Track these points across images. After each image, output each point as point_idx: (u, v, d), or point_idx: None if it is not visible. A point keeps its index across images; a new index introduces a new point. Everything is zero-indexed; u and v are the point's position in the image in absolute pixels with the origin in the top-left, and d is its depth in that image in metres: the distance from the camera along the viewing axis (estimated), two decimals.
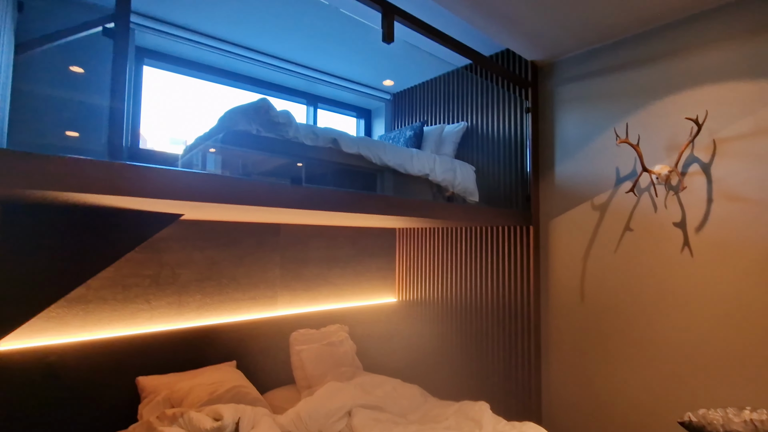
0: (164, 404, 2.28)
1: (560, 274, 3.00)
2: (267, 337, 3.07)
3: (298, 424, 2.27)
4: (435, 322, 3.67)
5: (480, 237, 3.36)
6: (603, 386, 2.71)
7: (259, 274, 3.11)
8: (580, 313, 2.87)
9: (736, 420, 1.99)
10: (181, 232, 2.72)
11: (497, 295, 3.19)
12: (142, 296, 2.55)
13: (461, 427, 2.21)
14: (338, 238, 3.65)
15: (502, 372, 3.11)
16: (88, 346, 2.31)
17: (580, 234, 2.91)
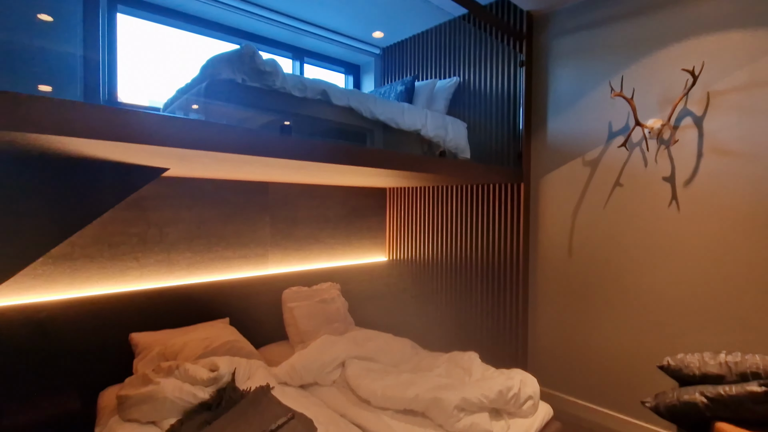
0: (159, 359, 2.31)
1: (549, 230, 3.05)
2: (259, 295, 3.09)
3: (293, 375, 2.33)
4: (425, 279, 3.73)
5: (470, 196, 3.36)
6: (587, 335, 2.83)
7: (249, 233, 3.08)
8: (568, 268, 2.93)
9: (712, 362, 2.09)
10: (167, 190, 2.64)
11: (486, 252, 3.24)
12: (130, 254, 2.51)
13: (451, 375, 2.29)
14: (328, 197, 3.61)
15: (490, 325, 3.21)
16: (77, 304, 2.29)
17: (570, 190, 2.93)
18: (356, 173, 2.48)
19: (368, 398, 2.09)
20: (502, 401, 1.98)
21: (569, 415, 2.86)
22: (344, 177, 2.81)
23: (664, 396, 2.18)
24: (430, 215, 3.70)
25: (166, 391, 1.87)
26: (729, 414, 1.94)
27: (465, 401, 1.88)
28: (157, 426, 1.85)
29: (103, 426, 1.92)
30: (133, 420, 1.86)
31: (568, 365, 2.93)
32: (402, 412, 2.01)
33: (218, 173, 2.51)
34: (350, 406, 2.13)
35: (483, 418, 1.88)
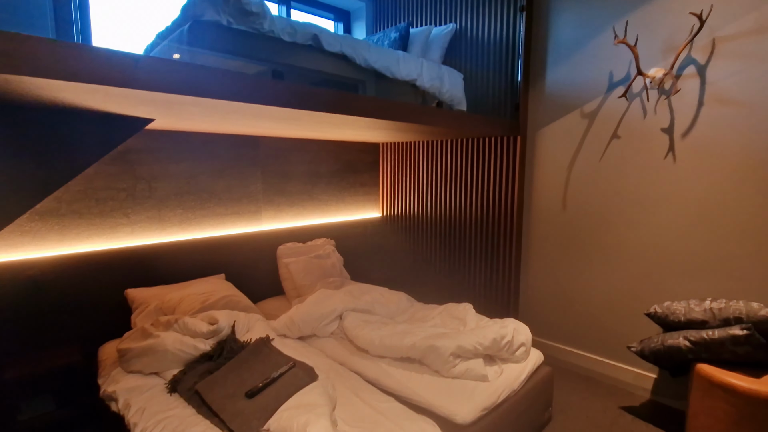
0: (156, 313, 2.32)
1: (544, 183, 3.04)
2: (254, 251, 3.08)
3: (292, 328, 2.37)
4: (419, 235, 3.75)
5: (465, 150, 3.31)
6: (577, 286, 2.90)
7: (241, 188, 3.01)
8: (561, 221, 2.96)
9: (697, 309, 2.18)
10: (154, 143, 2.54)
11: (481, 206, 3.24)
12: (119, 210, 2.45)
13: (447, 325, 2.35)
14: (320, 152, 3.53)
15: (483, 278, 3.27)
16: (70, 260, 2.25)
17: (566, 143, 2.89)
18: (350, 125, 2.39)
19: (366, 347, 2.15)
20: (496, 348, 2.04)
21: (558, 361, 3.00)
22: (337, 130, 2.73)
23: (649, 341, 2.28)
24: (424, 170, 3.66)
25: (167, 344, 1.89)
26: (709, 355, 2.05)
27: (460, 348, 1.94)
28: (160, 376, 1.89)
29: (106, 377, 1.95)
30: (135, 371, 1.90)
31: (558, 314, 3.03)
32: (399, 360, 2.08)
33: (206, 125, 2.41)
34: (348, 355, 2.19)
35: (478, 363, 1.95)
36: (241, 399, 1.60)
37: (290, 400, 1.59)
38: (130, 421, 1.61)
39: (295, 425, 1.45)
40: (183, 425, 1.54)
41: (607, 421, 2.31)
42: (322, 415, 1.47)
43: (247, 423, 1.49)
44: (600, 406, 2.46)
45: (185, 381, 1.78)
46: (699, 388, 2.04)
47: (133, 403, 1.69)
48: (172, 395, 1.75)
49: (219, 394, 1.63)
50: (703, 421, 2.03)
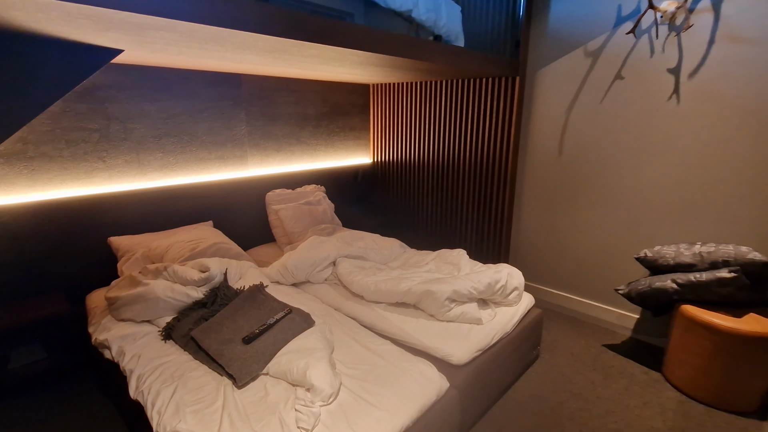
0: (144, 261, 2.25)
1: (541, 128, 2.94)
2: (241, 198, 2.97)
3: (285, 275, 2.34)
4: (411, 181, 3.67)
5: (460, 92, 3.14)
6: (569, 232, 2.92)
7: (224, 131, 2.83)
8: (557, 166, 2.91)
9: (686, 253, 2.21)
10: (125, 79, 2.32)
11: (474, 152, 3.15)
12: (93, 153, 2.28)
13: (441, 270, 2.36)
14: (308, 93, 3.31)
15: (475, 224, 3.27)
16: (45, 207, 2.12)
17: (567, 84, 2.77)
18: (340, 61, 2.21)
19: (361, 293, 2.15)
20: (490, 292, 2.06)
21: (546, 303, 3.10)
22: (326, 67, 2.52)
23: (636, 284, 2.34)
24: (416, 114, 3.50)
25: (157, 292, 1.84)
26: (694, 296, 2.11)
27: (456, 293, 1.95)
28: (153, 324, 1.86)
29: (96, 325, 1.91)
30: (127, 319, 1.86)
31: (549, 260, 3.08)
32: (394, 305, 2.09)
33: (183, 59, 2.18)
34: (343, 300, 2.19)
35: (472, 307, 1.98)
36: (238, 344, 1.58)
37: (288, 345, 1.58)
38: (126, 368, 1.59)
39: (295, 368, 1.45)
40: (181, 370, 1.53)
41: (591, 357, 2.43)
42: (321, 358, 1.48)
43: (246, 367, 1.49)
44: (584, 344, 2.57)
45: (179, 328, 1.75)
46: (680, 327, 2.14)
47: (128, 350, 1.66)
48: (166, 342, 1.73)
49: (215, 340, 1.61)
50: (681, 356, 2.14)
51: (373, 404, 1.37)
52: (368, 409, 1.35)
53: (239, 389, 1.44)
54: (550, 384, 2.18)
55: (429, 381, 1.53)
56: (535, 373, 2.28)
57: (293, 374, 1.44)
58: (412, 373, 1.54)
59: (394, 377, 1.51)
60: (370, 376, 1.52)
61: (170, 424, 1.27)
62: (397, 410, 1.37)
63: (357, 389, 1.44)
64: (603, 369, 2.32)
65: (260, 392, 1.42)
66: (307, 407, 1.30)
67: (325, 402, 1.35)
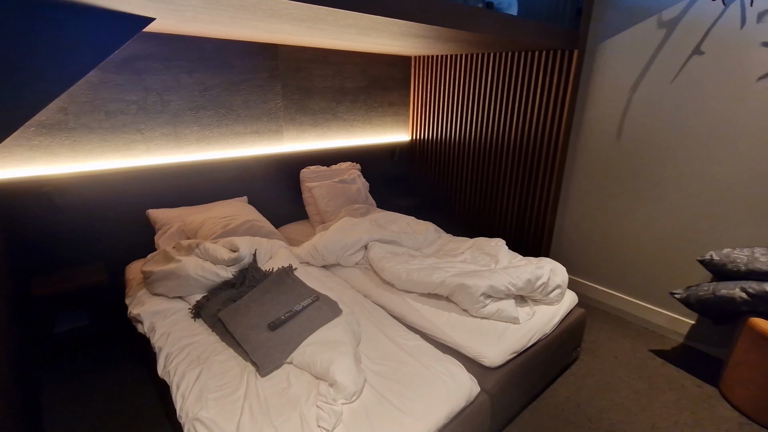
0: (179, 235, 2.27)
1: (599, 108, 2.65)
2: (276, 173, 2.93)
3: (315, 256, 2.29)
4: (450, 162, 3.49)
5: (509, 66, 2.88)
6: (622, 225, 2.67)
7: (260, 104, 2.77)
8: (613, 152, 2.63)
9: (763, 259, 1.94)
10: (162, 50, 2.27)
11: (521, 133, 2.91)
12: (131, 125, 2.28)
13: (477, 261, 2.22)
14: (346, 66, 3.16)
15: (516, 211, 3.07)
16: (86, 178, 2.16)
17: (633, 59, 2.45)
18: (380, 31, 2.04)
19: (392, 281, 2.06)
20: (530, 289, 1.92)
21: (590, 299, 2.89)
22: (365, 38, 2.36)
23: (697, 289, 2.10)
24: (459, 89, 3.27)
25: (188, 269, 1.84)
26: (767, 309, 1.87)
27: (492, 288, 1.82)
28: (184, 301, 1.87)
29: (132, 297, 1.95)
30: (160, 294, 1.88)
31: (596, 253, 2.85)
32: (426, 296, 1.99)
33: (217, 28, 2.10)
34: (373, 287, 2.11)
35: (509, 304, 1.84)
36: (263, 330, 1.55)
37: (313, 335, 1.54)
38: (156, 345, 1.61)
39: (318, 361, 1.40)
40: (207, 352, 1.53)
41: (636, 363, 2.25)
42: (345, 353, 1.42)
43: (269, 355, 1.46)
44: (629, 348, 2.39)
45: (208, 307, 1.75)
46: (747, 340, 1.90)
47: (158, 327, 1.68)
48: (195, 321, 1.74)
49: (242, 323, 1.59)
50: (744, 372, 1.92)
51: (397, 407, 1.30)
52: (392, 413, 1.28)
53: (262, 377, 1.41)
54: (588, 389, 2.04)
55: (458, 384, 1.44)
56: (572, 376, 2.13)
57: (316, 367, 1.40)
58: (440, 374, 1.45)
59: (421, 378, 1.43)
60: (396, 374, 1.45)
61: (192, 411, 1.26)
62: (423, 416, 1.29)
63: (381, 388, 1.38)
64: (649, 377, 2.14)
65: (283, 383, 1.39)
66: (329, 405, 1.25)
67: (347, 400, 1.30)
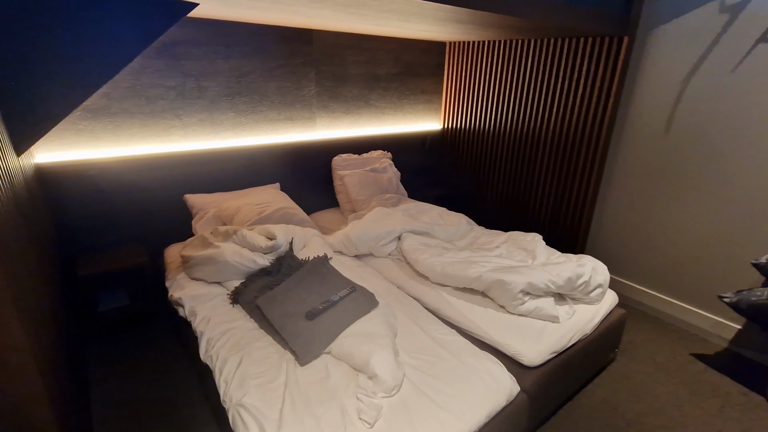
0: (215, 221, 2.30)
1: (647, 100, 2.51)
2: (308, 161, 2.92)
3: (348, 246, 2.29)
4: (482, 152, 3.40)
5: (550, 54, 2.75)
6: (667, 223, 2.54)
7: (294, 91, 2.75)
8: (660, 146, 2.50)
9: None
10: (199, 35, 2.27)
11: (561, 123, 2.79)
12: (170, 110, 2.30)
13: (513, 256, 2.17)
14: (379, 52, 3.10)
15: (551, 205, 2.97)
16: (127, 162, 2.21)
17: (689, 47, 2.29)
18: (420, 16, 1.97)
19: (426, 273, 2.04)
20: (570, 287, 1.86)
21: (627, 299, 2.79)
22: (401, 23, 2.29)
23: (749, 294, 1.99)
24: (495, 76, 3.16)
25: (226, 255, 1.86)
26: None
27: (531, 286, 1.77)
28: (222, 286, 1.90)
29: (172, 280, 2.00)
30: (199, 279, 1.92)
31: (636, 251, 2.74)
32: (460, 290, 1.96)
33: (255, 14, 2.08)
34: (407, 279, 2.10)
35: (548, 302, 1.79)
36: (301, 319, 1.56)
37: (351, 326, 1.53)
38: (197, 329, 1.64)
39: (357, 353, 1.40)
40: (246, 339, 1.55)
41: (676, 367, 2.17)
42: (385, 346, 1.41)
43: (308, 345, 1.46)
44: (668, 351, 2.30)
45: (246, 294, 1.77)
46: None
47: (199, 311, 1.72)
48: (234, 306, 1.76)
49: (279, 311, 1.60)
50: None
51: (437, 403, 1.29)
52: (432, 408, 1.27)
53: (301, 366, 1.42)
54: (626, 392, 1.98)
55: (498, 383, 1.41)
56: (609, 377, 2.07)
57: (355, 359, 1.39)
58: (479, 371, 1.43)
59: (460, 374, 1.41)
60: (433, 369, 1.43)
61: (236, 396, 1.28)
62: (464, 413, 1.27)
63: (420, 383, 1.36)
64: (691, 383, 2.06)
65: (321, 373, 1.39)
66: (369, 398, 1.25)
67: (387, 394, 1.29)
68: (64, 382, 1.26)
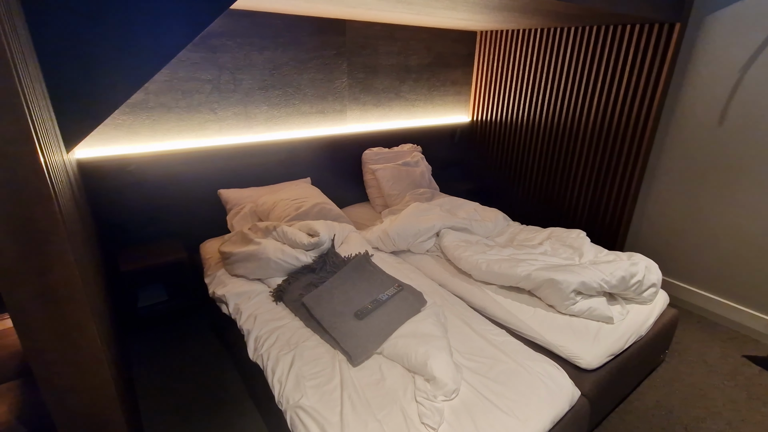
0: (252, 217, 2.27)
1: (700, 89, 2.39)
2: (338, 154, 2.88)
3: (386, 242, 2.24)
4: (513, 145, 3.31)
5: (591, 42, 2.64)
6: (719, 219, 2.42)
7: (326, 83, 2.69)
8: (713, 137, 2.38)
9: None
10: (235, 27, 2.23)
11: (602, 115, 2.69)
12: (205, 104, 2.27)
13: (558, 254, 2.09)
14: (411, 42, 3.02)
15: (588, 200, 2.88)
16: (164, 157, 2.19)
17: (749, 33, 2.16)
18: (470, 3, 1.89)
19: (470, 271, 1.98)
20: (623, 287, 1.78)
21: (674, 299, 2.67)
22: (444, 11, 2.21)
23: None
24: (527, 66, 3.06)
25: (269, 252, 1.83)
26: None
27: (584, 285, 1.70)
28: (263, 283, 1.87)
29: (212, 277, 1.98)
30: (240, 275, 1.89)
31: (682, 248, 2.62)
32: (506, 288, 1.90)
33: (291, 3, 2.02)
34: (449, 276, 2.04)
35: (601, 303, 1.72)
36: (350, 318, 1.52)
37: (403, 327, 1.49)
38: (243, 327, 1.62)
39: (413, 355, 1.35)
40: (295, 337, 1.52)
41: (729, 369, 2.08)
42: (442, 348, 1.36)
43: (361, 345, 1.42)
44: (719, 352, 2.21)
45: (290, 291, 1.74)
46: None
47: (244, 309, 1.69)
48: (277, 304, 1.73)
49: (327, 310, 1.56)
50: None
51: (500, 408, 1.24)
52: (496, 414, 1.22)
53: (354, 367, 1.38)
54: (679, 395, 1.90)
55: (559, 387, 1.35)
56: (660, 379, 2.00)
57: (410, 360, 1.35)
58: (539, 375, 1.37)
59: (519, 378, 1.35)
60: (491, 372, 1.38)
61: (293, 398, 1.25)
62: (528, 419, 1.22)
63: (480, 386, 1.31)
64: (747, 386, 1.97)
65: (376, 374, 1.35)
66: (429, 401, 1.21)
67: (447, 397, 1.25)
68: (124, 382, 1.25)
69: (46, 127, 1.02)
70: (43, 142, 0.85)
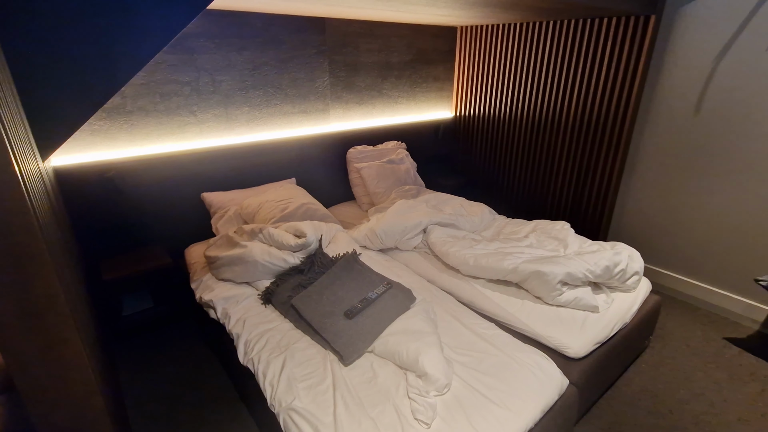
0: (237, 220, 2.24)
1: (676, 79, 2.44)
2: (322, 153, 2.86)
3: (373, 240, 2.24)
4: (496, 139, 3.34)
5: (570, 36, 2.68)
6: (696, 207, 2.50)
7: (307, 83, 2.67)
8: (689, 127, 2.44)
9: None
10: (213, 28, 2.19)
11: (582, 107, 2.73)
12: (184, 107, 2.23)
13: (544, 246, 2.12)
14: (392, 39, 3.02)
15: (571, 192, 2.93)
16: (143, 162, 2.14)
17: (721, 25, 2.22)
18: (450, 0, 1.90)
19: (458, 266, 1.99)
20: (607, 276, 1.82)
21: (655, 285, 2.74)
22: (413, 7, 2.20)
23: None
24: (508, 61, 3.09)
25: (255, 255, 1.81)
26: None
27: (569, 276, 1.73)
28: (251, 286, 1.86)
29: (198, 282, 1.95)
30: (227, 279, 1.87)
31: (663, 236, 2.69)
32: (494, 282, 1.92)
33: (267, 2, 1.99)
34: (437, 272, 2.05)
35: (586, 292, 1.76)
36: (340, 318, 1.52)
37: (393, 324, 1.49)
38: (232, 332, 1.60)
39: (405, 352, 1.36)
40: (285, 340, 1.51)
41: (711, 352, 2.14)
42: (432, 344, 1.37)
43: (352, 344, 1.43)
44: (701, 336, 2.28)
45: (278, 293, 1.72)
46: None
47: (232, 313, 1.67)
48: (266, 307, 1.72)
49: (317, 311, 1.56)
50: None
51: (492, 400, 1.25)
52: (488, 406, 1.23)
53: (345, 366, 1.38)
54: (664, 379, 1.95)
55: (549, 377, 1.38)
56: (645, 364, 2.05)
57: (402, 357, 1.36)
58: (529, 366, 1.39)
59: (509, 370, 1.37)
60: (482, 365, 1.40)
61: (285, 400, 1.24)
62: (521, 410, 1.24)
63: (471, 380, 1.33)
64: (728, 367, 2.04)
65: (368, 372, 1.36)
66: (422, 397, 1.22)
67: (439, 393, 1.26)
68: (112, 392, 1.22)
69: (19, 136, 0.99)
70: (17, 151, 0.83)
